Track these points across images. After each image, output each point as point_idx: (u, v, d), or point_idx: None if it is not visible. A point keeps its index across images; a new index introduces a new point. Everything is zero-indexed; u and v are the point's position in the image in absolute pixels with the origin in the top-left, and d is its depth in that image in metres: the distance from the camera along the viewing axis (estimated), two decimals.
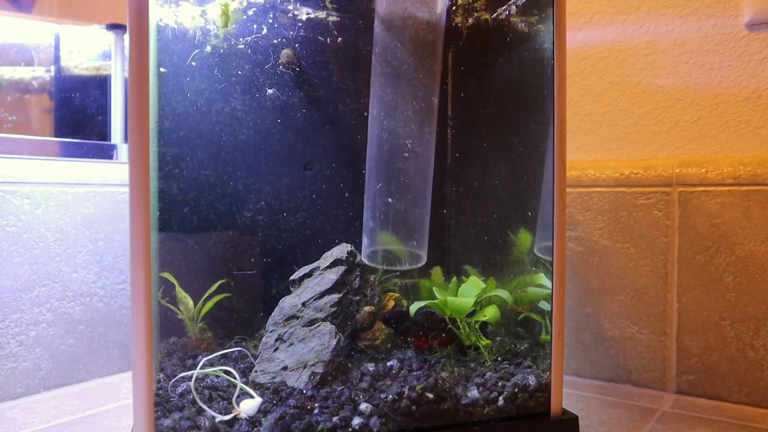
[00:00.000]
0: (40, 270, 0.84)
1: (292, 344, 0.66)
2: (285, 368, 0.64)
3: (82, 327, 0.89)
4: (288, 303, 0.70)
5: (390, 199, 0.73)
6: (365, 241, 0.75)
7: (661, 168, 0.87)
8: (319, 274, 0.72)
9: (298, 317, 0.68)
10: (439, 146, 0.88)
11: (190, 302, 0.74)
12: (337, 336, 0.65)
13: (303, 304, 0.69)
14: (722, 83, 0.85)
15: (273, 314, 0.69)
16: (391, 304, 0.78)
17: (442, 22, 0.75)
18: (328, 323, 0.67)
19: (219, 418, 0.56)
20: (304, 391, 0.61)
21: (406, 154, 0.74)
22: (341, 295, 0.70)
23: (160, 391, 0.61)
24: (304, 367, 0.64)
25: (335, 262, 0.73)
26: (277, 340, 0.67)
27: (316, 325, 0.67)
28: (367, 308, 0.73)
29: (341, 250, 0.75)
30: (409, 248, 0.75)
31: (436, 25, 0.74)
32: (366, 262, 0.75)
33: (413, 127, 0.74)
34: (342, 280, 0.71)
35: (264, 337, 0.68)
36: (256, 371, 0.65)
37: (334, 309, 0.68)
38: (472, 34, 0.84)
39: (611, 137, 0.94)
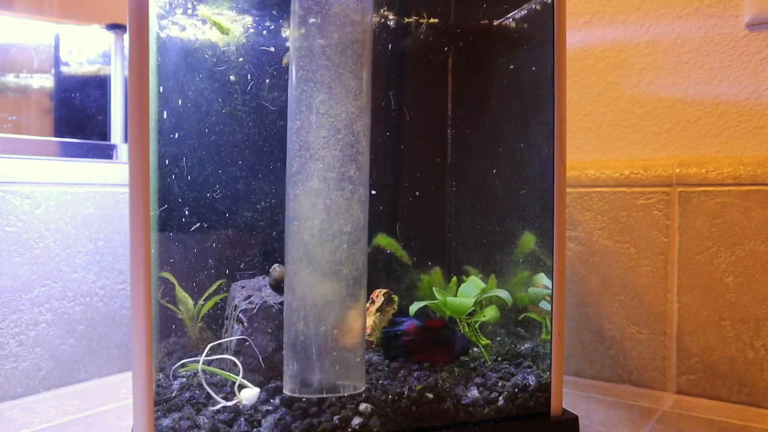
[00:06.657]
0: (40, 270, 0.84)
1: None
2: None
3: (82, 327, 0.89)
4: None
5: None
6: (292, 366, 0.59)
7: (661, 168, 0.87)
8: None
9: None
10: (438, 146, 0.88)
11: (190, 302, 0.74)
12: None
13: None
14: (722, 83, 0.85)
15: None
16: (381, 300, 0.76)
17: (368, 22, 0.61)
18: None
19: (223, 404, 0.57)
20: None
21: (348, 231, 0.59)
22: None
23: (159, 390, 0.61)
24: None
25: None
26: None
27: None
28: (279, 268, 0.69)
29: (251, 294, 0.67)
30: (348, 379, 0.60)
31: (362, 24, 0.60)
32: (289, 394, 0.59)
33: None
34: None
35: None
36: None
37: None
38: (473, 36, 0.84)
39: (611, 137, 0.94)
